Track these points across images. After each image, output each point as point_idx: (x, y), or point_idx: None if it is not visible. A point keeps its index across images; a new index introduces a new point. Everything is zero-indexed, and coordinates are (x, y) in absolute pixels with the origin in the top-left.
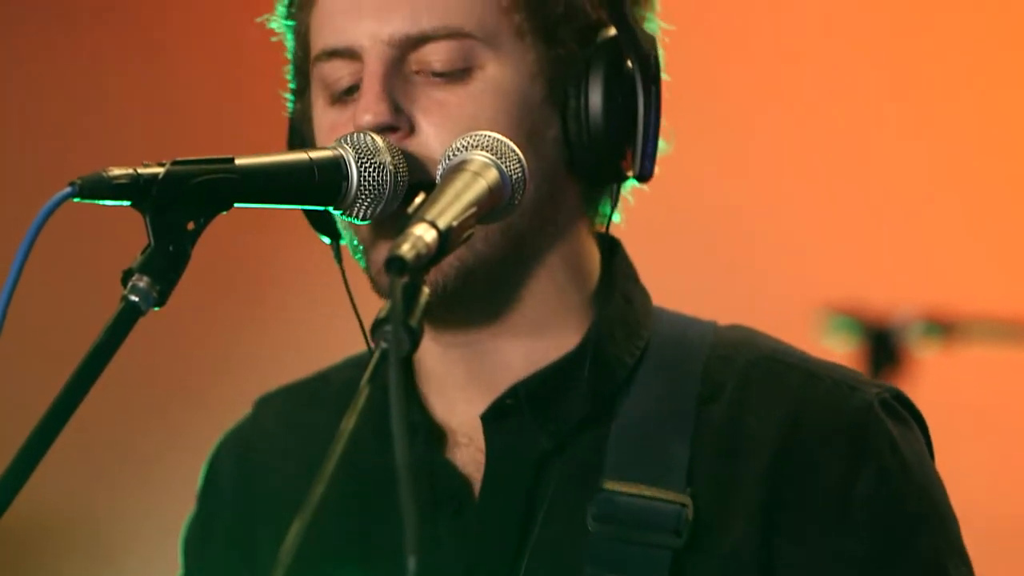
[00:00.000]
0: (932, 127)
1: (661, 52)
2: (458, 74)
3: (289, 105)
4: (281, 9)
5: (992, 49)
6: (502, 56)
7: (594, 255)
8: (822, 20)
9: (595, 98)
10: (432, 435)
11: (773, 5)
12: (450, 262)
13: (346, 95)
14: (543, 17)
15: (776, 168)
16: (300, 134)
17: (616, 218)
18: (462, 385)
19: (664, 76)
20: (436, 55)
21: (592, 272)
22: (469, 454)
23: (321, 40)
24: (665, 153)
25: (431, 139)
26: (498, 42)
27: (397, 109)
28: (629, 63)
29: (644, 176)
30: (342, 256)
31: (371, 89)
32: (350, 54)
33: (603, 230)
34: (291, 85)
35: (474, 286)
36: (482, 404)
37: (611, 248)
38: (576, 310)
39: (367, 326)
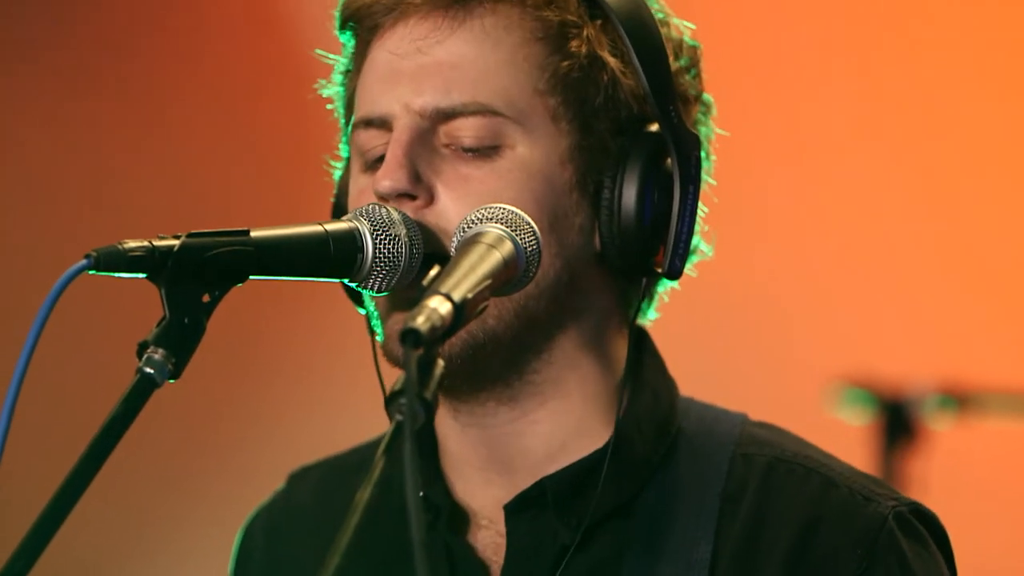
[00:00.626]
0: (947, 201)
1: (711, 156)
2: (486, 151)
3: (336, 172)
4: (337, 77)
5: (1016, 123)
6: (533, 137)
7: (622, 346)
8: (828, 100)
9: (628, 191)
10: (454, 517)
11: (786, 78)
12: (459, 334)
13: (378, 163)
14: (580, 104)
15: (790, 242)
16: (343, 202)
17: (651, 314)
18: (481, 466)
19: (707, 179)
20: (465, 130)
21: (619, 363)
22: (489, 537)
23: (359, 109)
24: (706, 257)
25: (450, 211)
26: (530, 123)
27: (417, 178)
28: (669, 161)
29: (672, 274)
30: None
31: (393, 156)
32: (383, 123)
33: (633, 323)
34: (343, 152)
35: (483, 361)
36: (502, 487)
37: (639, 339)
38: (600, 401)
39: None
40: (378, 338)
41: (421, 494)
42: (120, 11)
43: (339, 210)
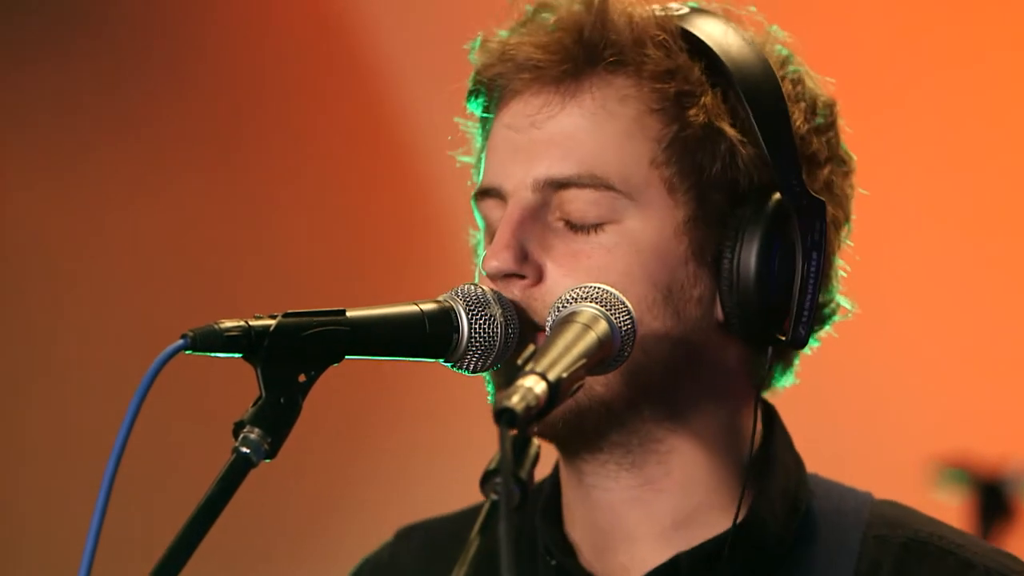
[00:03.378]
0: None
1: (851, 216)
2: (596, 226)
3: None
4: (475, 145)
5: None
6: (644, 210)
7: (749, 417)
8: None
9: (747, 260)
10: None
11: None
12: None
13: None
14: (697, 174)
15: (883, 319)
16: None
17: (787, 381)
18: (607, 530)
19: (847, 242)
20: (576, 203)
21: (747, 434)
22: None
23: (481, 179)
24: (847, 318)
25: (557, 288)
26: (643, 197)
27: (524, 257)
28: (791, 227)
29: (797, 342)
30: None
31: (502, 236)
32: (499, 195)
33: (759, 393)
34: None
35: (591, 425)
36: (627, 553)
37: (768, 413)
38: (728, 475)
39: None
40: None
41: (553, 563)
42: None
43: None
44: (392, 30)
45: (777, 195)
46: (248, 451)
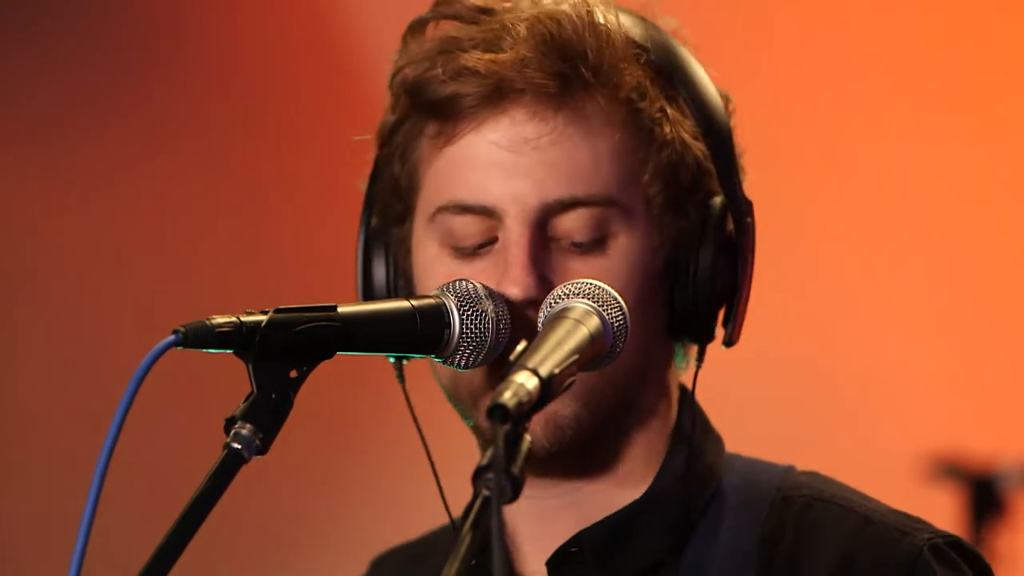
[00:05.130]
0: None
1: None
2: (595, 244)
3: (364, 217)
4: (384, 133)
5: None
6: (634, 227)
7: (674, 403)
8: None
9: (704, 269)
10: None
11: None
12: (567, 418)
13: (474, 254)
14: (674, 189)
15: (877, 317)
16: (384, 253)
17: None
18: (533, 537)
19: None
20: (578, 223)
21: (671, 419)
22: None
23: (450, 192)
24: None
25: None
26: (634, 213)
27: (543, 280)
28: (731, 232)
29: (733, 342)
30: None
31: (521, 262)
32: (485, 212)
33: (688, 386)
34: (380, 206)
35: (584, 441)
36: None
37: (681, 396)
38: (654, 458)
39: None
40: (458, 412)
41: (473, 562)
42: (215, 79)
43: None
44: (381, 19)
45: (720, 199)
46: (239, 447)
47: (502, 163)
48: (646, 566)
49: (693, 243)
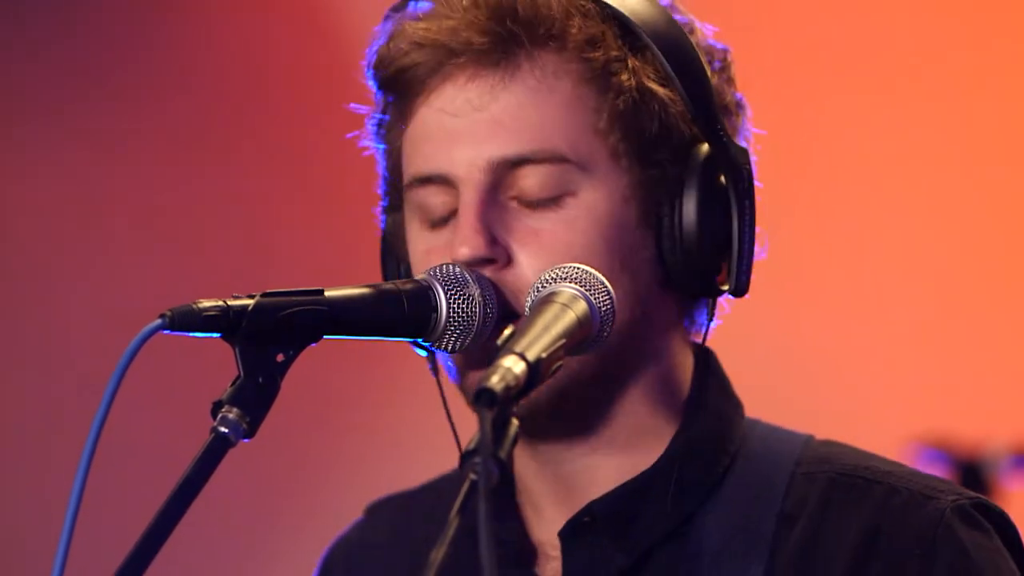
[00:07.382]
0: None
1: (754, 161)
2: (552, 200)
3: (381, 220)
4: (372, 129)
5: None
6: (596, 180)
7: (688, 366)
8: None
9: (689, 216)
10: (523, 551)
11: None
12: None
13: (442, 222)
14: (638, 137)
15: (864, 302)
16: (393, 250)
17: (713, 325)
18: (555, 501)
19: (757, 183)
20: (531, 179)
21: (685, 383)
22: (555, 568)
23: (413, 166)
24: (759, 259)
25: (527, 270)
26: (593, 166)
27: (494, 240)
28: (722, 178)
29: (739, 291)
30: (438, 368)
31: (468, 222)
32: (444, 181)
33: (699, 340)
34: (383, 201)
35: (567, 406)
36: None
37: (705, 359)
38: (667, 422)
39: (462, 438)
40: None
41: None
42: (208, 68)
43: (388, 260)
44: (380, 10)
45: (705, 147)
46: (227, 431)
47: (449, 128)
48: (658, 537)
49: (675, 191)
